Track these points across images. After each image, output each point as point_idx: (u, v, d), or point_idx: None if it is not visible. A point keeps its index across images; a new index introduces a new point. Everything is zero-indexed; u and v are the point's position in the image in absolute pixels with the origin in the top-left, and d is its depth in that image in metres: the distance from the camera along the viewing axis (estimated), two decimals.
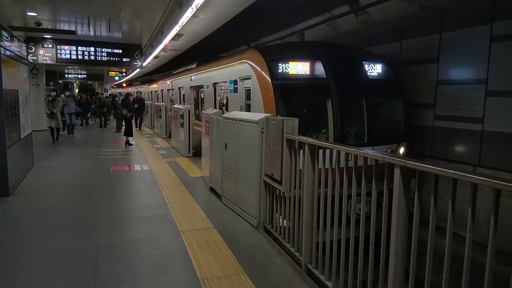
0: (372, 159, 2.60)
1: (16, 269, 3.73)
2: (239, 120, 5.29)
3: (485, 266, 1.81)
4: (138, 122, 18.76)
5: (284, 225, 4.27)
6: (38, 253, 4.09)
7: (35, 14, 8.53)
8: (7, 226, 4.96)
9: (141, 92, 23.43)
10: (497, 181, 1.66)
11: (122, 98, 17.38)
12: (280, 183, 4.17)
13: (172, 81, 15.72)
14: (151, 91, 22.46)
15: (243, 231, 4.79)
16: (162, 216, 5.32)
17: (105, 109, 19.66)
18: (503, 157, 5.86)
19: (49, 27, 9.72)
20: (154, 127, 18.33)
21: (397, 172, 2.32)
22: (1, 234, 4.64)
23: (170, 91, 16.43)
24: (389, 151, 6.41)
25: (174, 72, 17.05)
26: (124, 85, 35.66)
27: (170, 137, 13.62)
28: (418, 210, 2.27)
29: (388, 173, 2.49)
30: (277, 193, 4.45)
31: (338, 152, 3.09)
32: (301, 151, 3.77)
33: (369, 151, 2.68)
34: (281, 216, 4.38)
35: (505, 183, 1.63)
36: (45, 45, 11.03)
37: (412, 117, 7.28)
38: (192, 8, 6.15)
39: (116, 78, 25.40)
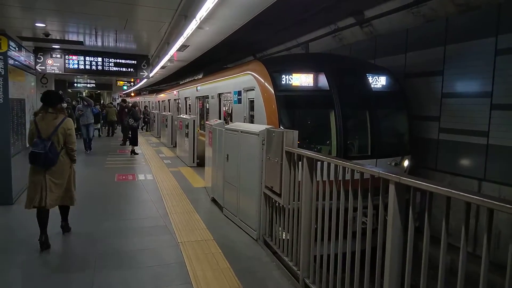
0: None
1: (17, 274, 3.73)
2: (241, 132, 5.30)
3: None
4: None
5: (284, 238, 4.23)
6: (38, 260, 4.10)
7: (44, 25, 8.68)
8: (10, 235, 4.99)
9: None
10: (490, 201, 1.63)
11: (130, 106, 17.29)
12: (279, 195, 4.15)
13: (178, 91, 15.85)
14: (159, 101, 22.66)
15: (243, 243, 4.75)
16: (163, 226, 5.31)
17: (115, 118, 18.91)
18: (508, 171, 5.77)
19: (57, 38, 9.87)
20: (160, 137, 18.43)
21: (391, 188, 2.29)
22: (4, 243, 4.67)
23: (177, 101, 16.56)
24: (393, 164, 6.36)
25: (180, 82, 17.20)
26: (132, 94, 36.08)
27: (175, 146, 13.68)
28: (412, 225, 2.23)
29: (383, 188, 2.46)
30: (277, 205, 4.42)
31: (336, 166, 3.07)
32: (300, 163, 3.75)
33: (365, 166, 2.65)
34: (280, 228, 4.34)
35: (497, 203, 1.59)
36: (54, 55, 11.19)
37: (416, 130, 7.22)
38: (196, 20, 6.20)
39: (125, 87, 25.67)
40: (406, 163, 6.53)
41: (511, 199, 4.98)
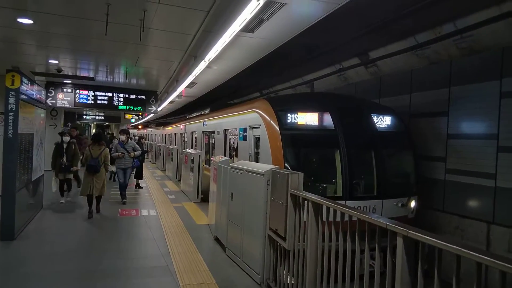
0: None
1: None
2: (246, 171, 5.28)
3: None
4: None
5: (289, 282, 4.10)
6: None
7: (57, 61, 8.99)
8: (8, 272, 4.90)
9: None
10: (503, 263, 1.57)
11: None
12: (284, 239, 4.07)
13: (185, 125, 16.02)
14: (165, 134, 22.87)
15: None
16: (164, 267, 5.19)
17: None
18: None
19: (69, 73, 10.16)
20: (165, 170, 18.44)
21: (399, 241, 2.23)
22: (2, 281, 4.57)
23: (184, 135, 16.70)
24: (399, 205, 6.25)
25: (187, 117, 17.41)
26: (140, 126, 36.53)
27: (180, 180, 13.64)
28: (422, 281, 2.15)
29: (391, 236, 2.41)
30: (282, 248, 4.32)
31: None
32: (305, 204, 3.71)
33: (372, 216, 2.60)
34: (285, 272, 4.22)
35: (510, 266, 1.53)
36: (65, 90, 11.48)
37: (423, 170, 7.16)
38: (205, 61, 6.37)
39: (132, 120, 26.03)
40: (413, 204, 6.43)
41: None
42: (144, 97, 12.32)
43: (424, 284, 2.20)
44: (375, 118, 6.63)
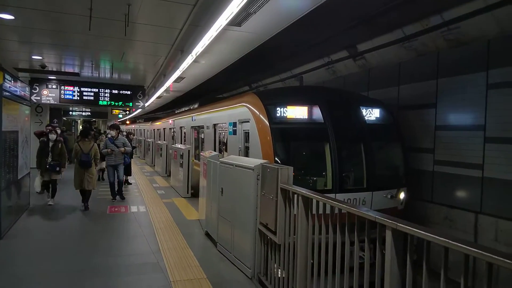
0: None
1: None
2: (236, 166, 5.25)
3: None
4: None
5: (279, 275, 4.11)
6: None
7: (40, 57, 8.80)
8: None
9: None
10: (491, 255, 1.58)
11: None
12: (274, 233, 4.06)
13: (174, 120, 15.89)
14: (154, 129, 22.68)
15: (237, 283, 4.61)
16: (154, 264, 5.15)
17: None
18: (505, 204, 5.74)
19: (54, 69, 9.97)
20: (154, 165, 18.32)
21: (388, 234, 2.24)
22: None
23: (172, 130, 16.58)
24: (389, 196, 6.31)
25: (176, 112, 17.27)
26: (127, 122, 36.14)
27: (169, 175, 13.56)
28: (411, 274, 2.16)
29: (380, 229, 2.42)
30: (272, 242, 4.32)
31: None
32: (295, 198, 3.71)
33: (361, 210, 2.60)
34: (276, 265, 4.23)
35: (498, 258, 1.54)
36: (49, 86, 11.27)
37: (412, 162, 7.22)
38: (192, 56, 6.30)
39: (120, 116, 25.75)
40: (402, 195, 6.49)
41: (508, 233, 4.92)
42: (131, 92, 12.17)
43: (413, 275, 2.22)
44: (364, 111, 6.65)
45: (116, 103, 12.03)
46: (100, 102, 11.86)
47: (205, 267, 5.02)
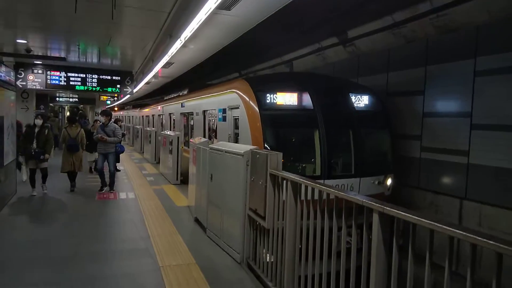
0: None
1: None
2: (225, 152, 5.24)
3: None
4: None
5: (268, 260, 4.16)
6: None
7: (25, 41, 8.58)
8: None
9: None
10: (474, 236, 1.62)
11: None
12: (263, 218, 4.09)
13: (163, 107, 15.74)
14: (142, 116, 22.45)
15: (226, 267, 4.65)
16: (144, 249, 5.16)
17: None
18: (489, 190, 5.86)
19: (39, 54, 9.74)
20: (143, 152, 18.20)
21: (375, 217, 2.27)
22: None
23: (161, 117, 16.44)
24: (376, 182, 6.39)
25: (165, 98, 17.10)
26: (115, 109, 35.69)
27: (159, 162, 13.50)
28: (397, 258, 2.20)
29: (367, 213, 2.45)
30: (261, 227, 4.35)
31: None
32: (285, 183, 3.73)
33: (349, 194, 2.63)
34: (264, 250, 4.27)
35: (480, 238, 1.58)
36: (35, 71, 11.02)
37: (399, 148, 7.30)
38: (180, 40, 6.21)
39: (108, 102, 25.40)
40: (389, 181, 6.57)
41: (491, 218, 5.03)
42: (119, 78, 11.97)
43: (399, 259, 2.26)
44: (353, 98, 6.67)
45: (104, 89, 11.83)
46: (88, 88, 11.64)
47: (194, 253, 5.05)
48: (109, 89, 11.90)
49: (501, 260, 1.56)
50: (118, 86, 12.02)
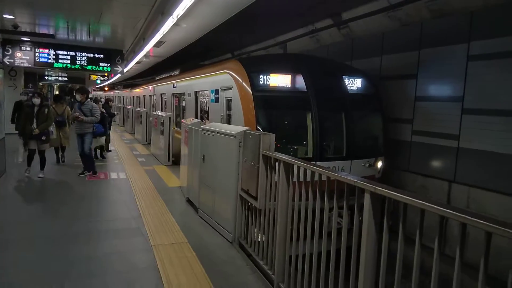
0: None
1: None
2: (217, 133, 5.22)
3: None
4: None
5: (259, 239, 4.21)
6: (2, 268, 3.91)
7: (12, 17, 8.33)
8: None
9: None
10: (464, 215, 1.64)
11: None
12: (255, 199, 4.12)
13: (154, 87, 15.55)
14: (133, 96, 22.19)
15: (218, 246, 4.70)
16: (135, 229, 5.18)
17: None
18: (478, 174, 5.97)
19: (27, 30, 9.49)
20: (134, 133, 18.06)
21: (367, 197, 2.30)
22: None
23: (152, 97, 16.25)
24: (367, 165, 6.45)
25: (156, 78, 16.87)
26: (106, 88, 35.18)
27: (150, 143, 13.43)
28: (387, 237, 2.24)
29: (359, 193, 2.48)
30: (253, 207, 4.39)
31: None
32: (277, 164, 3.74)
33: (341, 174, 2.65)
34: (256, 230, 4.32)
35: (470, 218, 1.61)
36: (23, 48, 10.76)
37: (391, 131, 7.35)
38: (173, 18, 6.09)
39: (98, 81, 25.01)
40: (379, 164, 6.64)
41: (479, 200, 5.12)
42: (109, 56, 11.76)
43: (389, 239, 2.30)
44: (346, 81, 6.65)
45: (94, 68, 11.62)
46: (77, 66, 11.42)
47: (186, 232, 5.08)
48: (99, 68, 11.69)
49: (489, 240, 1.59)
50: (109, 65, 11.81)
